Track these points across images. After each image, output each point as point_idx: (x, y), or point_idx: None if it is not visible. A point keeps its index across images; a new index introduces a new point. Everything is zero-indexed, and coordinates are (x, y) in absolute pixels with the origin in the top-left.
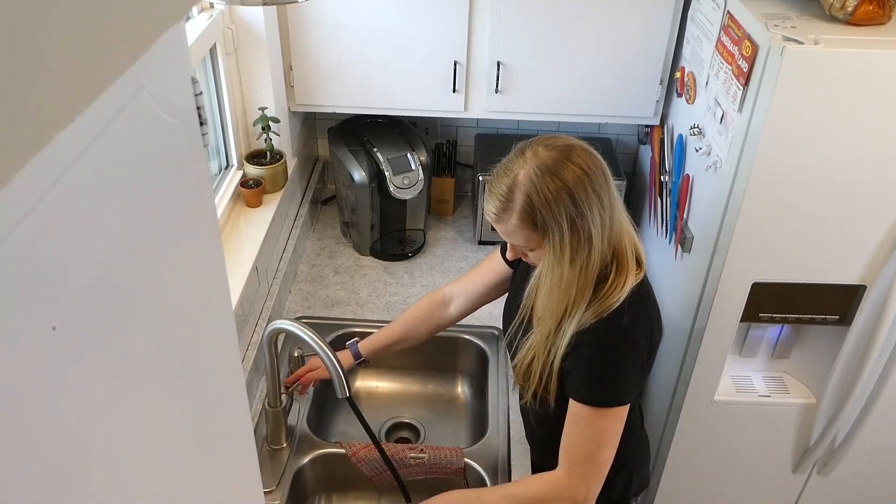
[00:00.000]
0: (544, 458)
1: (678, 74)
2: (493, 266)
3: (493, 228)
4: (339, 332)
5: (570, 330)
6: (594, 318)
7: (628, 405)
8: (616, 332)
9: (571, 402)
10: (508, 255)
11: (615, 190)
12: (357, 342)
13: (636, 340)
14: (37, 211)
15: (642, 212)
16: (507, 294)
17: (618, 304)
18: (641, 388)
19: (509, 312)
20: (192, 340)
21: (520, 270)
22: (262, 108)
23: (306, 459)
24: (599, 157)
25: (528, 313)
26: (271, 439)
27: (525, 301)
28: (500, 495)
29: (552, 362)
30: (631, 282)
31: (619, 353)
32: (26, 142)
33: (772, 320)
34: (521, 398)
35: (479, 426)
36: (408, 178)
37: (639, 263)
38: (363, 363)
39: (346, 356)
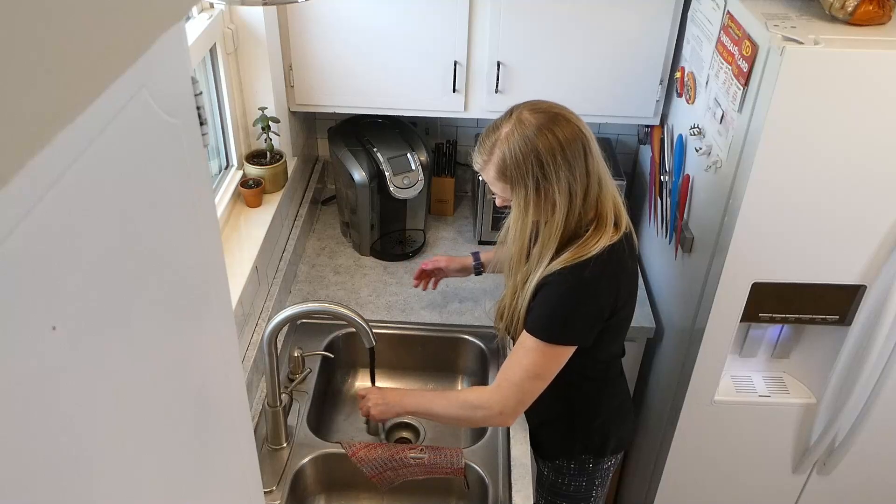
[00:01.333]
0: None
1: (678, 74)
2: None
3: (492, 228)
4: (340, 332)
5: (534, 280)
6: (560, 266)
7: (572, 349)
8: (576, 280)
9: (522, 332)
10: (497, 202)
11: (599, 159)
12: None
13: (595, 292)
14: (37, 211)
15: (642, 212)
16: None
17: (585, 258)
18: (621, 349)
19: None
20: (193, 340)
21: None
22: (262, 108)
23: (306, 459)
24: (583, 128)
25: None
26: (271, 439)
27: (498, 248)
28: (444, 397)
29: (520, 310)
30: (604, 242)
31: (574, 298)
32: (26, 142)
33: (772, 320)
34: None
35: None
36: (408, 178)
37: (616, 226)
38: (479, 269)
39: (467, 259)
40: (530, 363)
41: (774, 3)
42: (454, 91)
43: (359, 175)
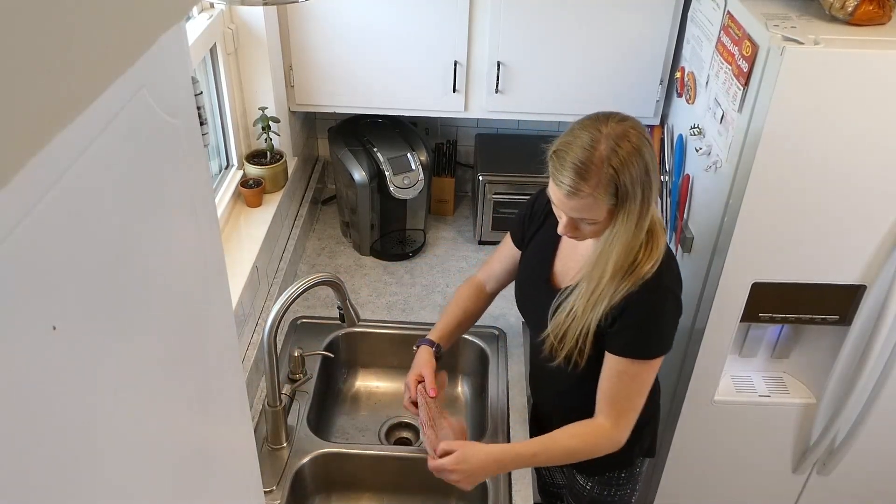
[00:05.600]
0: (551, 410)
1: (678, 74)
2: (506, 251)
3: (492, 228)
4: (340, 332)
5: (609, 292)
6: (641, 280)
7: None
8: (661, 290)
9: (614, 359)
10: (562, 230)
11: None
12: (423, 338)
13: (676, 294)
14: (37, 211)
15: None
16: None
17: (657, 265)
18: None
19: (527, 285)
20: (193, 340)
21: (529, 251)
22: (262, 108)
23: (306, 459)
24: None
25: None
26: (271, 439)
27: (583, 270)
28: (560, 450)
29: (589, 324)
30: (663, 244)
31: (664, 308)
32: (26, 142)
33: (772, 320)
34: (542, 356)
35: (479, 426)
36: (408, 178)
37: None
38: (439, 351)
39: (424, 352)
40: (640, 385)
41: (774, 3)
42: (454, 91)
43: (359, 175)
